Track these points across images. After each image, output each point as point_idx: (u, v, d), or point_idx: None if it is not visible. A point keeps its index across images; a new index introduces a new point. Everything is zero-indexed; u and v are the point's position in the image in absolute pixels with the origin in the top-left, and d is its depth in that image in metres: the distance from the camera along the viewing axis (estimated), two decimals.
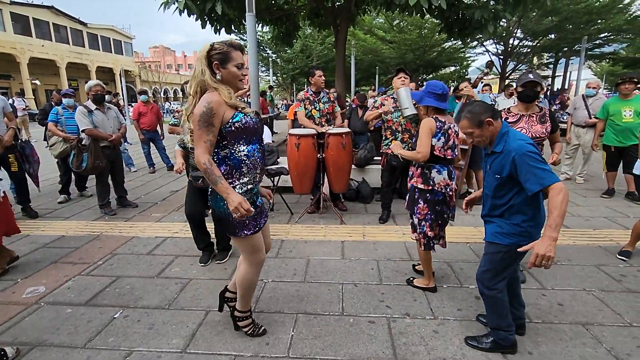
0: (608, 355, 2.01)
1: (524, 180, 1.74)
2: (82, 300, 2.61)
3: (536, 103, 2.71)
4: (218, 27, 7.76)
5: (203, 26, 7.55)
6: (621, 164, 4.98)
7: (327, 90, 4.57)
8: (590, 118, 5.48)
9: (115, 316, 2.41)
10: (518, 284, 2.17)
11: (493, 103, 5.09)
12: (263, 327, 2.24)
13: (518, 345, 2.07)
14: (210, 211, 3.03)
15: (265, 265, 3.11)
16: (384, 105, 3.95)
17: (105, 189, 4.56)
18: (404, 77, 3.81)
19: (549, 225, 1.64)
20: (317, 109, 4.34)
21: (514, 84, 4.98)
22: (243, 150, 1.85)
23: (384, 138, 4.01)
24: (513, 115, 2.70)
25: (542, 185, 1.68)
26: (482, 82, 6.08)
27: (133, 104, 28.15)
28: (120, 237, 3.78)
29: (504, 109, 2.79)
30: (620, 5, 16.58)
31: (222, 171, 1.82)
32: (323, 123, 4.33)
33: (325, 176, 4.30)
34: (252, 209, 1.78)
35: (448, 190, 2.58)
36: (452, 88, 9.30)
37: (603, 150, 5.18)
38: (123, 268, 3.11)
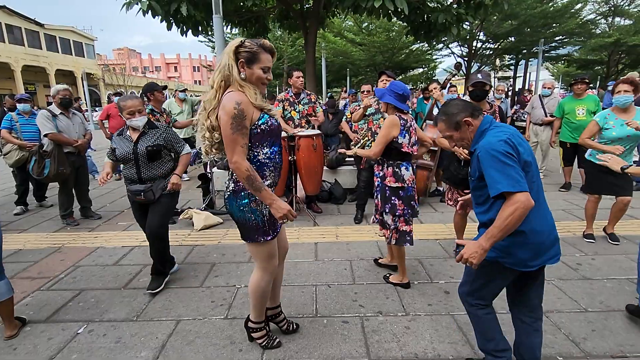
0: (566, 340, 2.13)
1: (487, 182, 1.51)
2: (42, 316, 2.47)
3: (488, 101, 2.90)
4: (185, 29, 7.58)
5: (169, 28, 7.35)
6: (576, 159, 5.30)
7: (309, 92, 4.58)
8: (547, 117, 5.81)
9: (79, 331, 2.30)
10: (532, 317, 1.85)
11: None
12: (278, 340, 2.13)
13: None
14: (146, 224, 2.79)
15: (237, 270, 3.10)
16: (370, 105, 3.95)
17: (69, 198, 4.34)
18: (386, 80, 3.81)
19: (486, 232, 1.49)
20: (297, 110, 4.35)
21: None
22: (266, 153, 1.78)
23: (366, 139, 4.05)
24: None
25: (498, 191, 1.44)
26: (450, 83, 6.29)
27: (96, 110, 26.95)
28: (84, 248, 3.61)
29: None
30: (573, 10, 17.70)
31: None
32: (303, 124, 4.35)
33: (298, 178, 4.30)
34: (295, 215, 1.77)
35: (413, 185, 2.70)
36: (420, 89, 9.58)
37: (560, 146, 5.49)
38: (87, 280, 2.97)
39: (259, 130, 1.73)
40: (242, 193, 1.79)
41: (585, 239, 3.55)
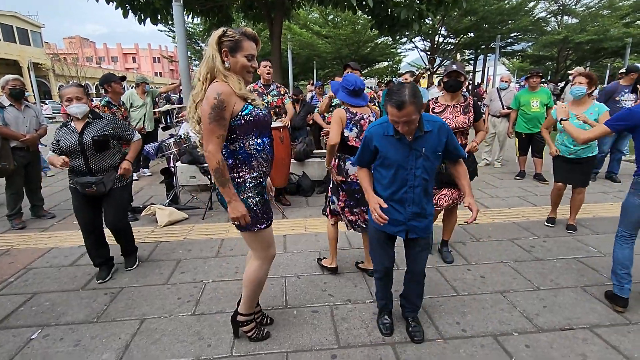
0: (521, 317, 2.28)
1: (455, 147, 1.93)
2: None
3: (462, 93, 2.91)
4: (142, 17, 7.21)
5: (125, 15, 6.96)
6: (530, 149, 5.63)
7: (278, 85, 4.51)
8: (504, 109, 6.11)
9: (33, 337, 2.16)
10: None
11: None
12: (267, 330, 2.14)
13: (447, 316, 2.27)
14: (105, 221, 2.83)
15: (204, 265, 3.03)
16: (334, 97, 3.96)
17: (17, 196, 4.02)
18: (351, 72, 3.82)
19: (468, 190, 1.98)
20: (266, 101, 4.27)
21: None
22: (253, 144, 1.76)
23: None
24: (439, 106, 2.87)
25: (463, 152, 2.00)
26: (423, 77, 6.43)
27: (46, 103, 25.11)
28: (36, 250, 3.39)
29: (432, 99, 2.98)
30: (526, 8, 18.69)
31: (231, 164, 1.75)
32: (271, 116, 4.28)
33: None
34: (249, 218, 1.77)
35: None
36: (385, 82, 9.76)
37: (515, 137, 5.81)
38: (41, 283, 2.79)
39: (243, 122, 1.71)
40: (236, 186, 1.78)
41: (546, 223, 3.77)
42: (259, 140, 1.78)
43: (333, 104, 3.98)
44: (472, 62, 27.26)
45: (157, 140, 6.03)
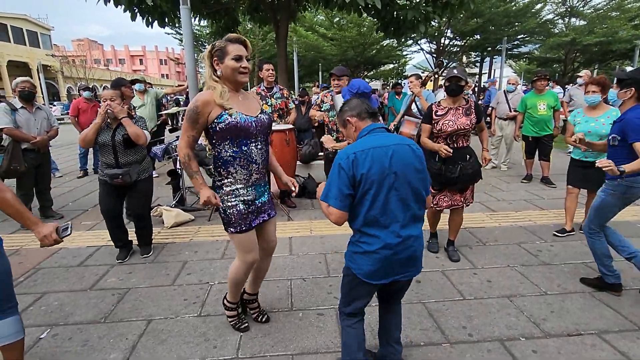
0: (528, 322, 2.26)
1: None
2: None
3: (463, 96, 2.93)
4: (150, 20, 7.28)
5: (133, 18, 7.03)
6: (537, 152, 5.59)
7: (281, 87, 4.54)
8: (511, 111, 6.08)
9: (42, 336, 2.19)
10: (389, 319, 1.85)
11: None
12: (247, 324, 2.24)
13: (453, 320, 2.26)
14: (127, 211, 3.24)
15: (210, 267, 3.05)
16: (324, 101, 4.04)
17: (27, 197, 4.08)
18: (337, 81, 3.89)
19: None
20: (269, 104, 4.30)
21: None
22: (228, 151, 1.87)
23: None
24: (442, 109, 2.91)
25: (323, 197, 1.60)
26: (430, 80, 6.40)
27: (54, 104, 25.39)
28: (45, 250, 3.42)
29: (435, 103, 3.02)
30: (533, 10, 18.56)
31: (213, 166, 1.93)
32: (275, 119, 4.31)
33: (271, 173, 4.27)
34: (219, 202, 1.89)
35: None
36: (392, 84, 9.75)
37: (522, 140, 5.77)
38: (50, 283, 2.83)
39: (218, 129, 1.83)
40: (213, 184, 1.96)
41: (556, 232, 3.60)
42: (235, 148, 1.87)
43: (322, 109, 4.05)
44: (478, 64, 27.13)
45: (163, 141, 6.09)
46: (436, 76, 4.78)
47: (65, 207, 4.75)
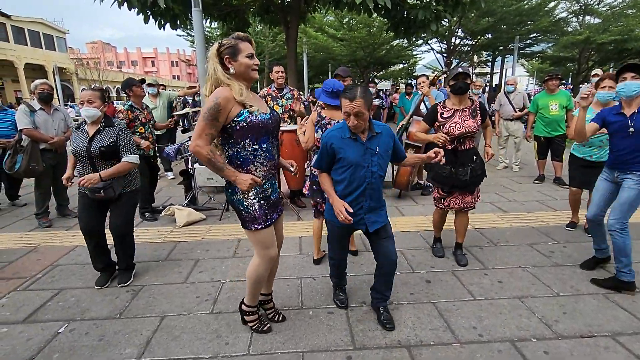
0: (540, 323, 2.25)
1: (400, 149, 2.24)
2: (20, 317, 2.41)
3: (469, 97, 2.88)
4: (162, 22, 7.42)
5: (146, 21, 7.18)
6: (550, 153, 5.51)
7: (292, 88, 4.58)
8: (515, 111, 6.06)
9: (60, 331, 2.26)
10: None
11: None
12: (269, 325, 2.23)
13: (463, 320, 2.26)
14: (109, 226, 2.76)
15: (222, 265, 3.09)
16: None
17: (45, 196, 4.20)
18: (340, 79, 3.86)
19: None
20: (280, 105, 4.34)
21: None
22: (249, 149, 1.85)
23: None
24: (448, 110, 2.83)
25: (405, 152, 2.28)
26: (439, 80, 6.37)
27: (69, 105, 25.89)
28: (62, 248, 3.52)
29: (439, 103, 2.95)
30: (546, 9, 18.27)
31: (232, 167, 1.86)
32: (285, 119, 4.35)
33: (281, 173, 4.31)
34: (261, 180, 1.86)
35: None
36: (405, 84, 9.71)
37: (534, 140, 5.70)
38: (66, 280, 2.91)
39: (238, 127, 1.80)
40: (231, 184, 1.90)
41: (566, 227, 3.69)
42: (256, 146, 1.86)
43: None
44: (489, 63, 26.82)
45: (175, 142, 6.18)
46: (445, 76, 4.73)
47: None
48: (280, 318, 2.31)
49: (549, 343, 2.07)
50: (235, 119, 1.78)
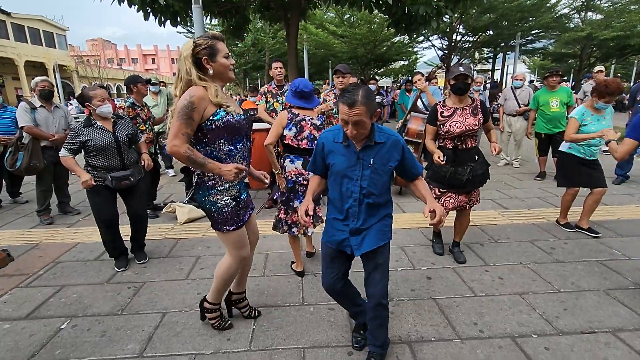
0: (540, 319, 2.25)
1: (412, 165, 1.80)
2: (22, 313, 2.42)
3: (469, 95, 2.85)
4: (162, 19, 7.38)
5: (146, 18, 7.15)
6: (550, 149, 5.50)
7: None
8: (520, 107, 6.01)
9: (62, 327, 2.27)
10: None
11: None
12: (230, 322, 2.24)
13: (463, 317, 2.26)
14: (127, 212, 3.10)
15: None
16: (326, 100, 4.01)
17: (46, 193, 4.21)
18: (341, 77, 3.78)
19: (429, 197, 1.78)
20: (280, 102, 4.33)
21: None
22: (224, 149, 1.83)
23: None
24: (448, 109, 2.80)
25: (420, 170, 1.86)
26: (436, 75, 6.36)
27: (70, 102, 25.88)
28: (63, 245, 3.53)
29: (439, 102, 2.93)
30: (548, 5, 18.17)
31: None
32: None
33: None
34: (244, 166, 1.84)
35: (300, 179, 2.68)
36: (405, 81, 9.69)
37: (535, 137, 5.69)
38: (68, 276, 2.92)
39: (214, 126, 1.78)
40: (203, 185, 1.89)
41: (565, 228, 3.62)
42: (230, 146, 1.85)
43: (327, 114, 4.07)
44: (490, 60, 26.73)
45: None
46: (443, 71, 4.71)
47: (82, 202, 4.87)
48: (255, 314, 2.33)
49: (549, 339, 2.07)
50: (211, 117, 1.76)
